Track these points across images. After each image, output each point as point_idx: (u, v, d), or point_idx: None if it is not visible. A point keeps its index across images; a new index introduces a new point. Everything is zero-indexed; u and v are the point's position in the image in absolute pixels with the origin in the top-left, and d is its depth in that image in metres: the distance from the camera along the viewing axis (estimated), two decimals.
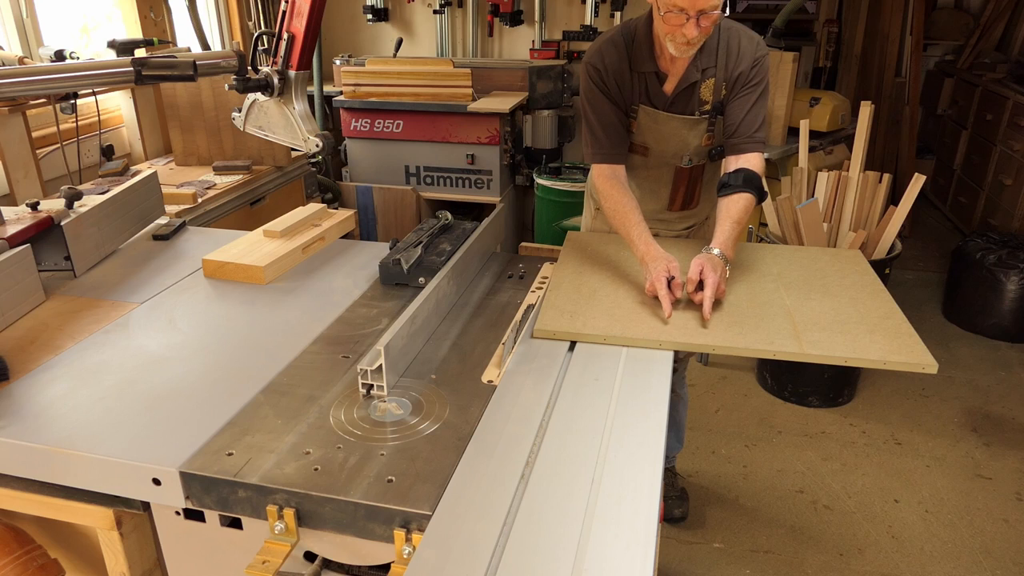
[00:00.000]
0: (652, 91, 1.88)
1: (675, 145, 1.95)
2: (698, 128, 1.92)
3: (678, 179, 2.03)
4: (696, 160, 2.00)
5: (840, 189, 3.11)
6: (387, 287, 1.75)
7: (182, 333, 1.53)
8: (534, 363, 1.41)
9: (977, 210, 4.61)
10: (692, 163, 1.99)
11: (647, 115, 1.91)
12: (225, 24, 4.46)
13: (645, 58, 1.84)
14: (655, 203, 2.10)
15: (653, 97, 1.89)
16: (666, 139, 1.95)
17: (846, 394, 3.13)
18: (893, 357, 1.43)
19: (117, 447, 1.15)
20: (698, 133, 1.93)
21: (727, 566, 2.31)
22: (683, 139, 1.93)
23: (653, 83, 1.87)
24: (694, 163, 2.00)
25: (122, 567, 1.25)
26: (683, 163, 1.99)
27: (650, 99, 1.89)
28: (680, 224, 2.17)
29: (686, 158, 1.98)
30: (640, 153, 2.01)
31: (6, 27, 2.97)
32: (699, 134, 1.93)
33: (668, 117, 1.90)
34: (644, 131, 1.94)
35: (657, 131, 1.93)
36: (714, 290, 1.57)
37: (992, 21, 5.14)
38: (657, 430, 1.20)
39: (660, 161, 2.01)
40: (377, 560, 1.09)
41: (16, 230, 1.76)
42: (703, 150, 1.97)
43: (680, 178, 2.03)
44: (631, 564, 0.93)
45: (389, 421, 1.23)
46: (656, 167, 2.03)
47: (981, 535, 2.42)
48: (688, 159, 1.98)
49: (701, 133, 1.92)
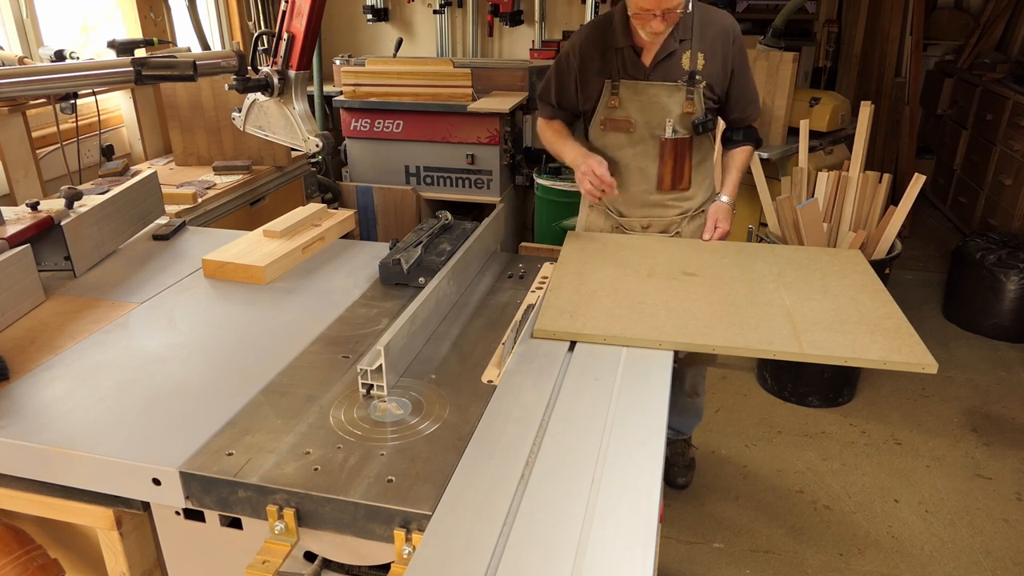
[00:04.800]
0: (630, 64, 2.06)
1: (658, 114, 2.08)
2: (678, 95, 2.05)
3: (664, 152, 2.11)
4: (681, 131, 2.09)
5: (840, 189, 3.11)
6: (387, 287, 1.75)
7: (182, 333, 1.53)
8: (534, 363, 1.41)
9: (977, 210, 4.61)
10: (677, 134, 2.09)
11: (628, 88, 2.07)
12: (225, 24, 4.46)
13: (620, 36, 2.04)
14: (644, 183, 2.17)
15: (633, 69, 2.06)
16: (648, 108, 2.08)
17: (846, 394, 3.13)
18: (893, 357, 1.43)
19: (117, 447, 1.15)
20: (678, 100, 2.06)
21: (727, 566, 2.31)
22: (664, 106, 2.07)
23: (631, 57, 2.05)
24: (679, 134, 2.09)
25: (122, 567, 1.25)
26: (668, 133, 2.08)
27: (629, 72, 2.07)
28: (673, 209, 2.20)
29: (670, 127, 2.08)
30: (625, 130, 2.12)
31: (6, 27, 2.97)
32: (679, 101, 2.06)
33: (648, 85, 2.06)
34: (627, 104, 2.09)
35: (639, 101, 2.08)
36: (724, 233, 2.07)
37: (992, 21, 5.14)
38: (657, 430, 1.20)
39: (645, 134, 2.11)
40: (377, 560, 1.09)
41: (16, 230, 1.76)
42: (686, 119, 2.08)
43: (667, 151, 2.11)
44: (631, 564, 0.93)
45: (389, 421, 1.23)
46: (641, 142, 2.13)
47: (981, 535, 2.42)
48: (672, 128, 2.08)
49: (681, 100, 2.06)
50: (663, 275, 1.79)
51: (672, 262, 1.87)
